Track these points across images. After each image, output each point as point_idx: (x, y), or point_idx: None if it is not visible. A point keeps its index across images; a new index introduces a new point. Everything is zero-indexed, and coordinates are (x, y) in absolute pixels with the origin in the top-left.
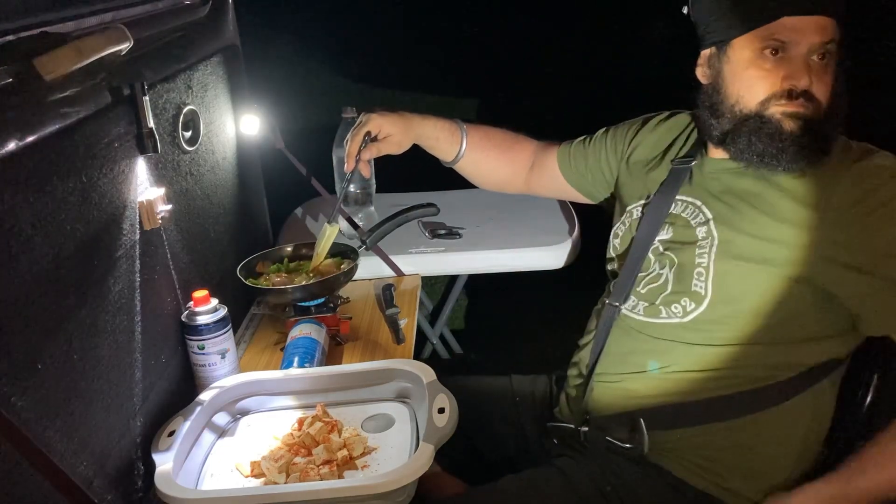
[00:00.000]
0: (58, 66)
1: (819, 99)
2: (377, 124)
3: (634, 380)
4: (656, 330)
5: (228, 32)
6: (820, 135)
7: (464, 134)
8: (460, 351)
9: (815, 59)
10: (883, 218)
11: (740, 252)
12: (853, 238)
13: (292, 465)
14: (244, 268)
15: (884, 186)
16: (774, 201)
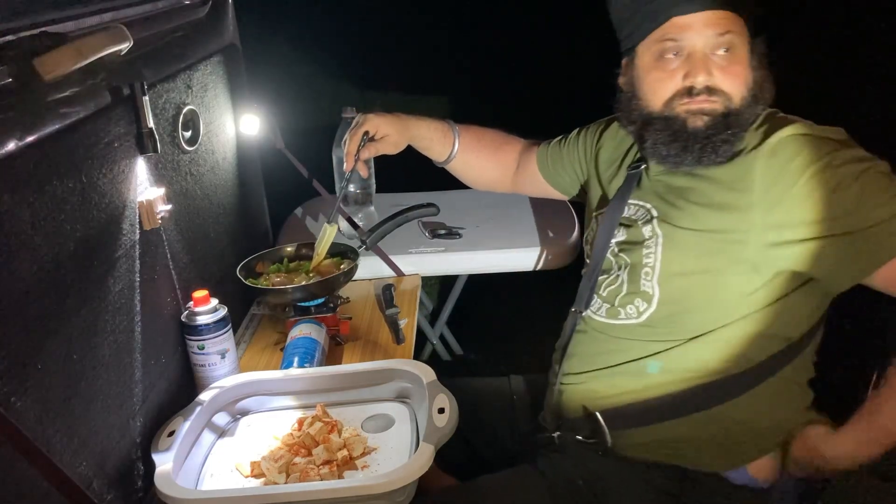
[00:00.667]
0: (58, 66)
1: (726, 91)
2: (374, 124)
3: (598, 380)
4: (616, 330)
5: (228, 32)
6: (728, 127)
7: (456, 135)
8: (460, 351)
9: (719, 53)
10: (805, 188)
11: (683, 246)
12: (785, 216)
13: (292, 466)
14: (244, 268)
15: (797, 156)
16: (709, 193)
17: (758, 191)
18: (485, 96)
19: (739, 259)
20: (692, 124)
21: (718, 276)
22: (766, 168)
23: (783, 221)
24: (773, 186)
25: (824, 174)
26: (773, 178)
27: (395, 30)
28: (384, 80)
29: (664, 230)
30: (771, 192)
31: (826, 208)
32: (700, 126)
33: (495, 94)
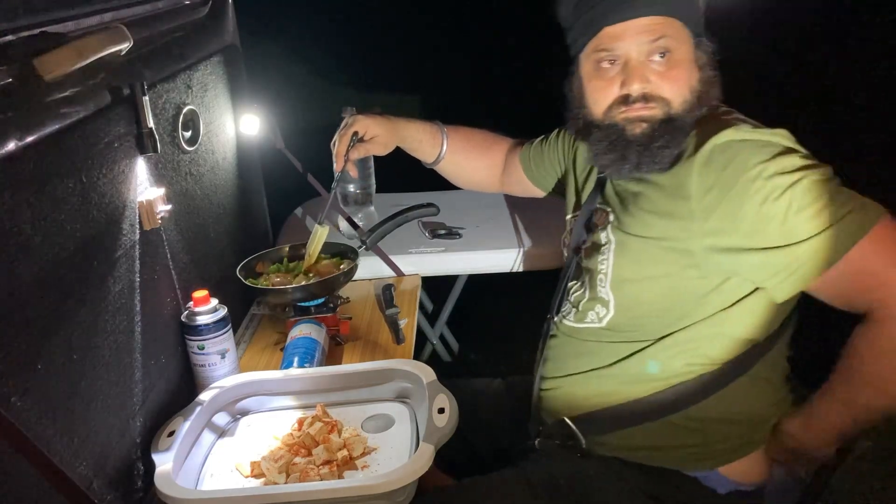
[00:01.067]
0: (58, 66)
1: (665, 97)
2: (364, 125)
3: (571, 385)
4: (584, 334)
5: (228, 32)
6: (668, 133)
7: (444, 136)
8: (460, 351)
9: (655, 59)
10: (736, 199)
11: (633, 253)
12: (720, 225)
13: (292, 466)
14: (244, 268)
15: (729, 165)
16: (656, 199)
17: (694, 199)
18: (485, 96)
19: (686, 264)
20: (630, 132)
21: (668, 280)
22: (701, 176)
23: (719, 230)
24: (706, 195)
25: (754, 185)
26: (707, 187)
27: (395, 30)
28: (384, 80)
29: (617, 237)
30: (705, 201)
31: (756, 221)
32: (638, 133)
33: (495, 94)
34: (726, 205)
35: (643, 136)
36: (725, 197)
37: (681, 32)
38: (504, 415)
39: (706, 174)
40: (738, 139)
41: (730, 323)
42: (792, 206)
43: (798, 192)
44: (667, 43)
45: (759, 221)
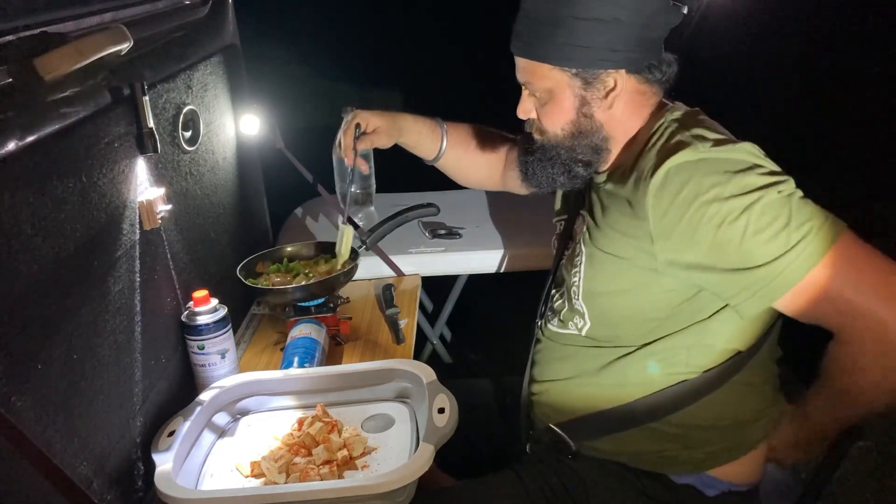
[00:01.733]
0: (58, 66)
1: (545, 127)
2: (364, 118)
3: (558, 390)
4: (566, 339)
5: (228, 32)
6: (550, 156)
7: (444, 131)
8: (460, 351)
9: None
10: (691, 223)
11: (600, 267)
12: (680, 244)
13: (292, 465)
14: (244, 268)
15: (685, 187)
16: (618, 215)
17: (651, 221)
18: (484, 96)
19: (652, 279)
20: (525, 146)
21: (637, 294)
22: (656, 199)
23: (678, 249)
24: (662, 218)
25: (710, 207)
26: (663, 211)
27: (395, 30)
28: (384, 80)
29: (588, 249)
30: (661, 225)
31: (714, 243)
32: (529, 149)
33: (495, 94)
34: (683, 228)
35: (531, 153)
36: (681, 220)
37: (547, 74)
38: (503, 416)
39: (661, 197)
40: (694, 159)
41: (709, 333)
42: (748, 228)
43: (755, 213)
44: (531, 86)
45: (716, 244)
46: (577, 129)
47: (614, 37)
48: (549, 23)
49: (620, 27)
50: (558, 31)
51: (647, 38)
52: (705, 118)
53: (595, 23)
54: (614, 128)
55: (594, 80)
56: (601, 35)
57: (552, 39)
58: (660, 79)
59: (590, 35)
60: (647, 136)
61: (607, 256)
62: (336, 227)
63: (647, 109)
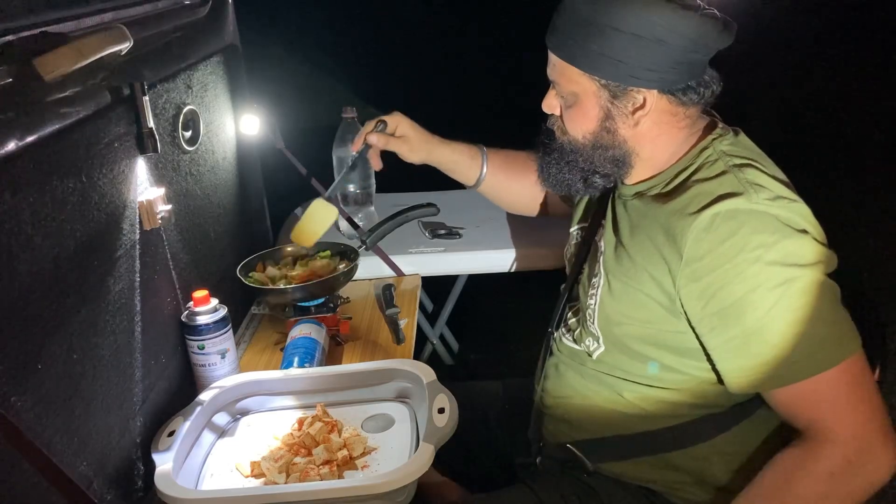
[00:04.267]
0: (58, 66)
1: (567, 129)
2: (396, 120)
3: (574, 408)
4: (580, 357)
5: (228, 32)
6: (569, 160)
7: (484, 157)
8: (460, 351)
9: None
10: (730, 273)
11: (618, 295)
12: (705, 292)
13: (292, 465)
14: (244, 268)
15: (732, 237)
16: (651, 232)
17: (685, 260)
18: (485, 96)
19: (670, 313)
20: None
21: (654, 326)
22: (698, 242)
23: (700, 298)
24: (697, 262)
25: (751, 268)
26: (701, 254)
27: (395, 30)
28: (384, 79)
29: (608, 275)
30: (693, 267)
31: (739, 303)
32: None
33: (496, 94)
34: (714, 278)
35: (547, 152)
36: (716, 270)
37: (576, 79)
38: (504, 418)
39: (703, 240)
40: (746, 209)
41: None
42: (780, 303)
43: (791, 292)
44: (558, 86)
45: (741, 305)
46: (598, 141)
47: (652, 56)
48: (585, 25)
49: (660, 47)
50: (593, 38)
51: (689, 61)
52: (756, 154)
53: (633, 38)
54: (639, 144)
55: (622, 95)
56: (638, 52)
57: (586, 44)
58: (696, 101)
59: (626, 50)
60: (689, 164)
61: (627, 287)
62: (336, 227)
63: (680, 131)
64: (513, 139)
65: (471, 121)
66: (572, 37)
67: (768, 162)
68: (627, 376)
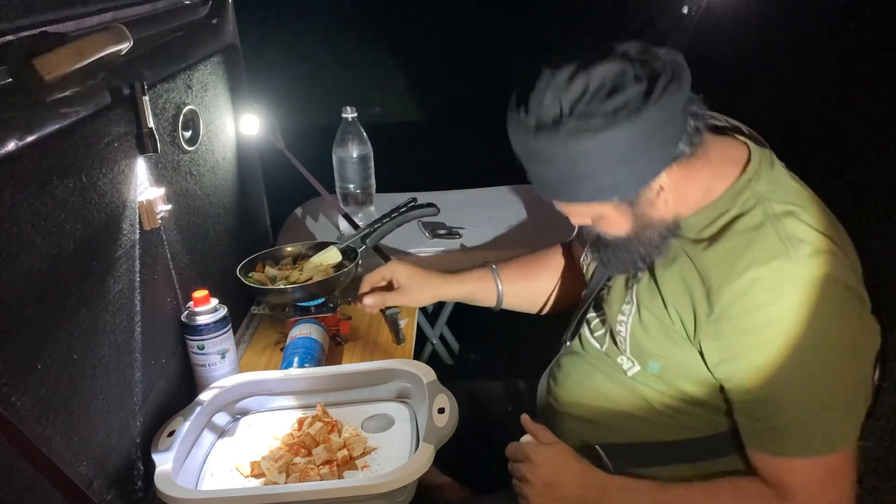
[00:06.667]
0: (58, 66)
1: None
2: (391, 270)
3: (598, 413)
4: (612, 366)
5: (228, 32)
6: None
7: (497, 276)
8: (460, 351)
9: None
10: (750, 345)
11: (648, 328)
12: (721, 349)
13: (292, 465)
14: (244, 268)
15: (767, 308)
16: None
17: (716, 313)
18: (485, 95)
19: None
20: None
21: (686, 359)
22: (731, 303)
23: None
24: (726, 321)
25: (775, 342)
26: (733, 314)
27: (395, 29)
28: (384, 79)
29: (639, 299)
30: (720, 325)
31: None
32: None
33: (496, 94)
34: (741, 343)
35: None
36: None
37: (587, 209)
38: (504, 417)
39: (738, 303)
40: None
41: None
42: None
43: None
44: (574, 218)
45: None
46: (641, 231)
47: (638, 162)
48: (561, 179)
49: (639, 153)
50: (576, 182)
51: (670, 130)
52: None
53: (610, 167)
54: (679, 207)
55: (639, 197)
56: (623, 169)
57: (573, 186)
58: (699, 140)
59: (613, 176)
60: (727, 208)
61: (657, 321)
62: (336, 227)
63: (702, 171)
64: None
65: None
66: (557, 187)
67: (808, 200)
68: (663, 391)
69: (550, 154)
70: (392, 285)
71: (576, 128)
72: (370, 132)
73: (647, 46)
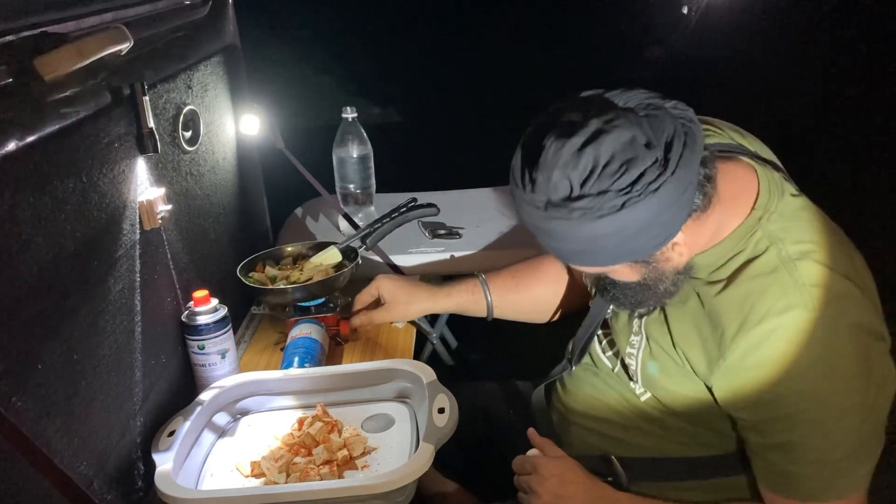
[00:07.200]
0: (58, 66)
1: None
2: (378, 285)
3: (611, 429)
4: (625, 385)
5: (228, 32)
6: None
7: (485, 286)
8: (460, 351)
9: None
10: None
11: (659, 361)
12: (734, 397)
13: (292, 465)
14: (244, 268)
15: (778, 364)
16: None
17: (728, 363)
18: (485, 95)
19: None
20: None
21: (699, 395)
22: (745, 355)
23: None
24: (740, 371)
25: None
26: (747, 365)
27: (396, 29)
28: (384, 79)
29: (648, 333)
30: (731, 376)
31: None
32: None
33: (496, 94)
34: (754, 393)
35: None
36: (759, 387)
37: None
38: (504, 418)
39: (752, 355)
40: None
41: None
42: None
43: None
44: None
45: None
46: (652, 282)
47: (662, 228)
48: (579, 248)
49: (657, 221)
50: (594, 255)
51: (692, 192)
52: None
53: (627, 239)
54: (692, 251)
55: (654, 256)
56: (639, 239)
57: (589, 253)
58: (710, 191)
59: (630, 245)
60: (740, 249)
61: (668, 358)
62: (336, 227)
63: (711, 215)
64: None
65: (472, 119)
66: (570, 256)
67: (822, 234)
68: (676, 414)
69: (563, 233)
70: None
71: (589, 208)
72: (370, 132)
73: (653, 99)
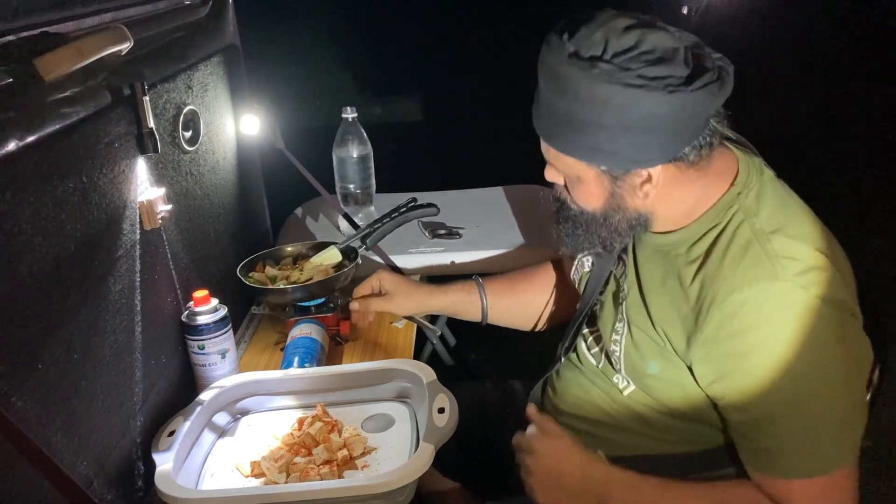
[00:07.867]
0: (58, 66)
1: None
2: (378, 277)
3: (598, 429)
4: (609, 382)
5: (228, 32)
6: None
7: (482, 290)
8: (460, 351)
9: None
10: (740, 367)
11: (641, 347)
12: (714, 371)
13: (292, 465)
14: (244, 268)
15: (755, 331)
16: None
17: (705, 335)
18: (485, 95)
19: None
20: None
21: (679, 377)
22: (720, 326)
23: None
24: (715, 344)
25: (764, 363)
26: (722, 336)
27: (396, 30)
28: (384, 80)
29: (629, 318)
30: (709, 348)
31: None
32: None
33: (496, 94)
34: (730, 364)
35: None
36: (735, 357)
37: (572, 164)
38: (504, 418)
39: (727, 327)
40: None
41: None
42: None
43: (804, 394)
44: (555, 167)
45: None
46: (609, 213)
47: (646, 141)
48: (568, 121)
49: (654, 132)
50: (580, 132)
51: (688, 127)
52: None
53: (621, 130)
54: (653, 207)
55: (625, 176)
56: (629, 140)
57: (574, 136)
58: (706, 153)
59: (616, 140)
60: (715, 223)
61: (649, 341)
62: (336, 227)
63: (695, 183)
64: (515, 139)
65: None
66: (559, 128)
67: (797, 211)
68: (659, 409)
69: (573, 87)
70: (380, 293)
71: (611, 72)
72: (370, 132)
73: (702, 43)
